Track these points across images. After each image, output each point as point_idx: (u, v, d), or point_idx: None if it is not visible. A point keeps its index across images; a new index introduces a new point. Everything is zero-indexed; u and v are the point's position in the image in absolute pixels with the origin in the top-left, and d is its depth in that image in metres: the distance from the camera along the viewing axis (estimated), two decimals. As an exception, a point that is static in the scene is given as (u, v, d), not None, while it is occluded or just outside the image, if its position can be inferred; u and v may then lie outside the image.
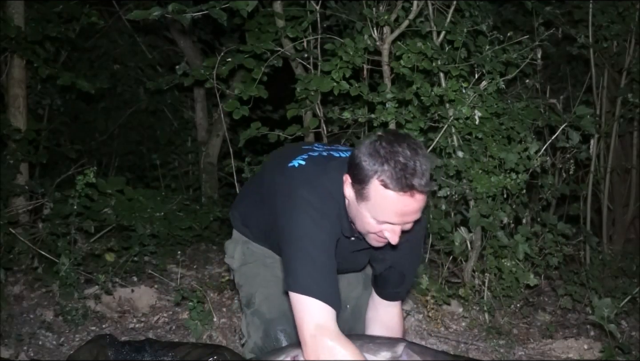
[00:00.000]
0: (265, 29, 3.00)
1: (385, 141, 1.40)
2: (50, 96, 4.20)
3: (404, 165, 1.37)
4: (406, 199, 1.38)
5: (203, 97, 4.96)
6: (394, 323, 1.78)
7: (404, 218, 1.42)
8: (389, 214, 1.41)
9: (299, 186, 1.54)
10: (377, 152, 1.39)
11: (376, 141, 1.41)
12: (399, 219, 1.42)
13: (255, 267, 1.90)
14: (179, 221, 3.48)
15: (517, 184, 2.74)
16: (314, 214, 1.49)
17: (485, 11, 3.01)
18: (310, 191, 1.52)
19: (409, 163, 1.37)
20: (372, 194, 1.41)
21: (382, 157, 1.38)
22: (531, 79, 3.32)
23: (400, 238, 1.49)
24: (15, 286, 2.89)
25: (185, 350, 1.70)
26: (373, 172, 1.39)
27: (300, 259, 1.46)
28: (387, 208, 1.40)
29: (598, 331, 2.86)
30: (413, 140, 1.43)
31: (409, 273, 1.75)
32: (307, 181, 1.55)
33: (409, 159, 1.37)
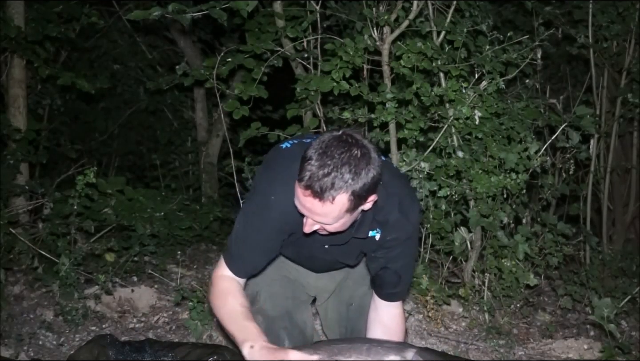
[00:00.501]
0: (265, 29, 3.00)
1: (336, 139, 1.41)
2: (50, 96, 4.20)
3: (320, 166, 1.37)
4: (308, 197, 1.41)
5: (203, 97, 4.96)
6: (394, 324, 1.78)
7: (308, 213, 1.46)
8: (296, 199, 1.46)
9: (268, 168, 1.65)
10: (322, 142, 1.41)
11: (334, 135, 1.42)
12: (303, 210, 1.46)
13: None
14: (179, 221, 3.48)
15: (517, 184, 2.74)
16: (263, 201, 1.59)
17: (485, 11, 3.01)
18: (273, 175, 1.60)
19: (327, 168, 1.37)
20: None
21: (318, 149, 1.40)
22: (531, 79, 3.32)
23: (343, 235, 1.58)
24: (15, 286, 2.89)
25: (185, 350, 1.70)
26: (305, 156, 1.41)
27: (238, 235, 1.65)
28: (296, 193, 1.45)
29: (598, 331, 2.86)
30: (359, 155, 1.40)
31: (404, 274, 1.74)
32: (280, 161, 1.62)
33: (326, 166, 1.37)
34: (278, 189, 1.57)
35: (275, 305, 1.84)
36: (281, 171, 1.59)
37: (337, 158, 1.38)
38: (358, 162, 1.39)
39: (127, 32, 4.90)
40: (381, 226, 1.63)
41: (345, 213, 1.44)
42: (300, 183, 1.40)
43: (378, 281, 1.75)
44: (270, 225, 1.61)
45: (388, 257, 1.69)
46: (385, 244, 1.67)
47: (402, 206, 1.63)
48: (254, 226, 1.62)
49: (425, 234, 2.97)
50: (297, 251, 1.81)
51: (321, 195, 1.38)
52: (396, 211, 1.61)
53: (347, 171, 1.38)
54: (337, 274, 1.99)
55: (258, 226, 1.61)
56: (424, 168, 2.80)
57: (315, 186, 1.37)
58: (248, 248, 1.63)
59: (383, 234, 1.65)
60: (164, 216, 3.34)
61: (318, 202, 1.40)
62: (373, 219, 1.61)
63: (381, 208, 1.60)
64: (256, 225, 1.61)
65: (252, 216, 1.63)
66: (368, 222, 1.61)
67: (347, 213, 1.45)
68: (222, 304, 1.61)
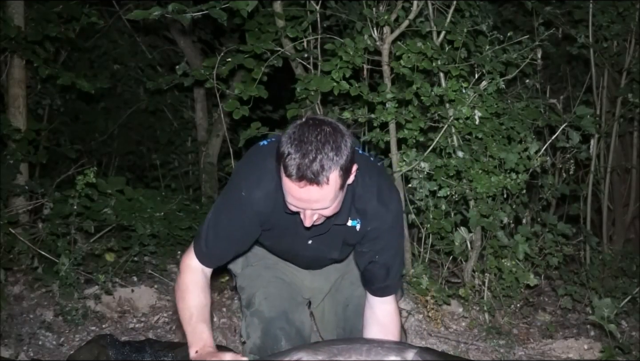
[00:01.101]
0: (265, 29, 3.00)
1: (304, 126, 1.42)
2: (50, 96, 4.20)
3: (304, 154, 1.38)
4: (299, 188, 1.41)
5: (203, 97, 4.96)
6: (388, 320, 1.76)
7: (306, 205, 1.46)
8: (291, 198, 1.46)
9: (243, 164, 1.67)
10: (290, 135, 1.42)
11: (299, 124, 1.44)
12: (300, 204, 1.46)
13: (257, 269, 1.91)
14: (179, 221, 3.48)
15: (517, 184, 2.74)
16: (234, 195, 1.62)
17: (485, 11, 3.01)
18: (249, 171, 1.62)
19: (309, 155, 1.38)
20: (281, 175, 1.45)
21: (292, 141, 1.40)
22: (531, 79, 3.32)
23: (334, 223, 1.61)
24: (15, 286, 2.89)
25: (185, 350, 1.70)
26: (282, 154, 1.41)
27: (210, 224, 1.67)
28: (288, 190, 1.45)
29: (598, 331, 2.86)
30: (331, 131, 1.42)
31: (392, 266, 1.73)
32: (256, 158, 1.64)
33: (309, 152, 1.38)
34: (250, 183, 1.60)
35: (272, 306, 1.83)
36: (254, 167, 1.62)
37: (316, 141, 1.39)
38: (334, 137, 1.41)
39: (127, 32, 4.90)
40: (361, 216, 1.64)
41: (339, 191, 1.46)
42: (290, 178, 1.40)
43: (367, 276, 1.74)
44: (241, 219, 1.63)
45: (374, 250, 1.69)
46: (368, 235, 1.67)
47: (381, 195, 1.64)
48: (224, 218, 1.64)
49: (425, 234, 2.97)
50: (281, 249, 1.83)
51: (317, 180, 1.38)
52: (375, 200, 1.62)
53: (329, 150, 1.39)
54: (331, 275, 1.99)
55: (228, 219, 1.64)
56: (424, 168, 2.80)
57: (308, 173, 1.37)
58: (217, 240, 1.66)
59: (363, 224, 1.66)
60: (164, 216, 3.34)
61: (315, 188, 1.40)
62: (352, 207, 1.62)
63: (360, 197, 1.61)
64: (227, 218, 1.64)
65: (224, 209, 1.65)
66: (347, 208, 1.61)
67: (340, 191, 1.46)
68: (181, 298, 1.65)
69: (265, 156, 1.60)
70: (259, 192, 1.59)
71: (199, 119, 5.00)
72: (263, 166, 1.59)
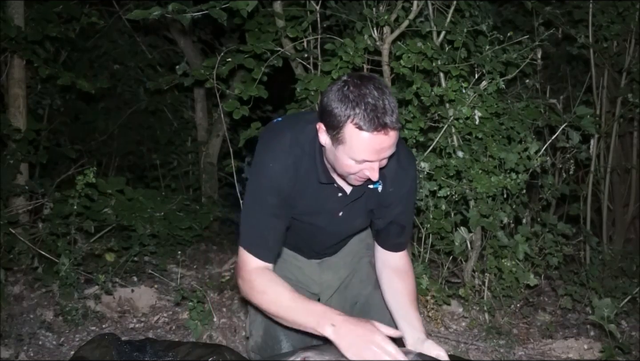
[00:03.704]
0: (265, 29, 3.00)
1: (352, 84, 1.46)
2: (50, 96, 4.20)
3: (374, 106, 1.42)
4: (380, 137, 1.44)
5: (203, 97, 4.96)
6: (406, 268, 1.80)
7: (380, 155, 1.49)
8: (366, 153, 1.47)
9: (263, 142, 1.65)
10: (346, 97, 1.45)
11: (344, 86, 1.47)
12: (375, 156, 1.49)
13: None
14: (179, 221, 3.48)
15: (517, 184, 2.74)
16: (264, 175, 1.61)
17: (485, 11, 3.01)
18: (271, 146, 1.63)
19: (378, 103, 1.42)
20: (348, 138, 1.46)
21: (351, 101, 1.43)
22: (531, 79, 3.32)
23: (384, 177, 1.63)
24: (15, 286, 2.89)
25: (186, 349, 1.70)
26: (346, 117, 1.44)
27: (245, 217, 1.65)
28: (363, 148, 1.46)
29: (598, 331, 2.86)
30: (378, 80, 1.49)
31: (408, 224, 1.81)
32: (273, 135, 1.65)
33: (377, 99, 1.43)
34: (273, 157, 1.61)
35: None
36: (273, 141, 1.63)
37: (375, 90, 1.44)
38: (383, 83, 1.48)
39: (127, 32, 4.90)
40: (382, 178, 1.66)
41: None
42: (369, 131, 1.43)
43: (383, 235, 1.79)
44: (272, 193, 1.61)
45: (393, 213, 1.74)
46: (387, 199, 1.71)
47: (400, 160, 1.69)
48: (259, 200, 1.62)
49: (425, 234, 2.97)
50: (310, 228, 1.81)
51: (393, 124, 1.44)
52: (395, 163, 1.66)
53: (388, 93, 1.45)
54: (341, 270, 2.00)
55: (262, 199, 1.61)
56: (424, 168, 2.80)
57: (386, 120, 1.42)
58: (263, 226, 1.63)
59: (385, 186, 1.70)
60: (164, 216, 3.34)
61: (392, 132, 1.45)
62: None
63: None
64: (261, 198, 1.61)
65: (255, 191, 1.63)
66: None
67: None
68: (273, 300, 1.56)
69: (281, 129, 1.64)
70: (281, 165, 1.60)
71: (199, 119, 5.00)
72: (281, 139, 1.61)
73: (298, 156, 1.61)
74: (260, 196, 1.62)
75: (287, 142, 1.61)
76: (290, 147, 1.61)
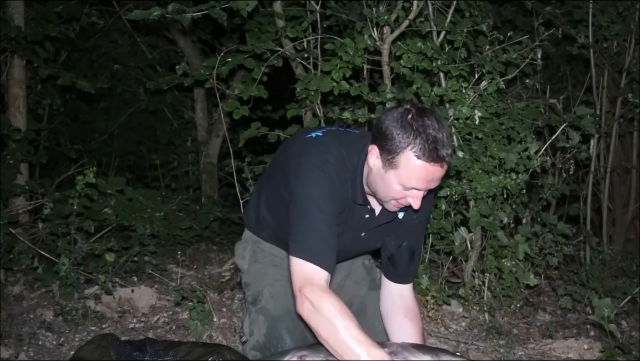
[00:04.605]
0: (265, 29, 3.00)
1: (415, 113, 1.52)
2: (50, 96, 4.20)
3: (435, 138, 1.49)
4: (435, 168, 1.52)
5: (203, 97, 4.96)
6: (415, 308, 1.83)
7: (430, 184, 1.56)
8: (417, 181, 1.54)
9: (314, 152, 1.64)
10: (409, 125, 1.51)
11: (406, 113, 1.53)
12: (425, 185, 1.55)
13: (264, 266, 1.92)
14: (179, 221, 3.48)
15: (517, 184, 2.74)
16: (322, 180, 1.59)
17: (485, 11, 3.01)
18: (323, 158, 1.62)
19: (438, 136, 1.50)
20: (404, 164, 1.52)
21: (414, 130, 1.50)
22: (531, 79, 3.32)
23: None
24: (15, 286, 2.89)
25: (186, 349, 1.70)
26: (406, 143, 1.51)
27: (302, 224, 1.58)
28: (417, 176, 1.53)
29: (598, 331, 2.86)
30: (438, 113, 1.56)
31: (417, 249, 1.85)
32: (323, 149, 1.65)
33: (437, 132, 1.50)
34: (332, 167, 1.62)
35: (278, 304, 1.84)
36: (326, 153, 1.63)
37: (437, 124, 1.51)
38: (439, 115, 1.55)
39: (127, 32, 4.90)
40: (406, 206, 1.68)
41: None
42: (426, 160, 1.49)
43: (395, 260, 1.82)
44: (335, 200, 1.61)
45: (406, 235, 1.80)
46: (406, 223, 1.77)
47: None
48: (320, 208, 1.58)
49: (425, 235, 2.97)
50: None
51: (447, 159, 1.52)
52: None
53: (445, 128, 1.53)
54: (336, 274, 2.00)
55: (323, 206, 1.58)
56: (424, 168, 2.79)
57: (443, 152, 1.50)
58: (325, 234, 1.57)
59: (408, 213, 1.75)
60: (164, 216, 3.34)
61: (445, 166, 1.53)
62: None
63: None
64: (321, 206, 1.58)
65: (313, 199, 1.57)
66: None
67: None
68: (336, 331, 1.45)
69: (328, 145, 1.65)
70: (337, 177, 1.62)
71: (199, 119, 5.00)
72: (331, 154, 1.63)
73: (345, 172, 1.64)
74: (319, 204, 1.58)
75: (335, 158, 1.63)
76: (339, 163, 1.64)
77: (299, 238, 1.57)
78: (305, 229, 1.57)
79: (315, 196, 1.58)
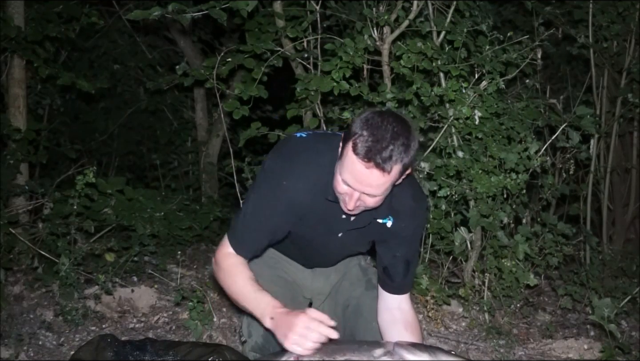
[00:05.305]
0: (265, 29, 3.00)
1: (382, 115, 1.50)
2: (50, 96, 4.20)
3: (378, 140, 1.44)
4: (369, 170, 1.46)
5: (203, 97, 4.96)
6: (412, 318, 1.81)
7: (361, 186, 1.50)
8: (350, 176, 1.50)
9: (282, 155, 1.69)
10: (367, 120, 1.49)
11: (377, 112, 1.51)
12: (356, 184, 1.50)
13: (259, 268, 1.91)
14: (179, 221, 3.48)
15: (517, 184, 2.74)
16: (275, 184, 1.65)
17: (485, 11, 3.01)
18: (288, 160, 1.66)
19: (384, 141, 1.44)
20: (345, 154, 1.50)
21: (366, 125, 1.47)
22: (531, 79, 3.32)
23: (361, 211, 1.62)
24: (15, 286, 2.89)
25: (186, 349, 1.70)
26: (354, 134, 1.47)
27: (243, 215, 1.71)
28: (349, 169, 1.49)
29: (598, 331, 2.86)
30: (405, 129, 1.49)
31: (412, 261, 1.82)
32: (296, 149, 1.69)
33: (386, 139, 1.44)
34: (293, 173, 1.64)
35: None
36: (297, 159, 1.66)
37: (392, 132, 1.46)
38: (408, 135, 1.48)
39: (127, 32, 4.90)
40: (394, 214, 1.70)
41: (390, 186, 1.52)
42: (358, 156, 1.45)
43: (390, 272, 1.79)
44: (280, 207, 1.66)
45: (401, 245, 1.76)
46: (399, 233, 1.73)
47: (415, 195, 1.72)
48: (263, 207, 1.67)
49: (425, 234, 2.97)
50: (306, 243, 1.82)
51: (382, 166, 1.44)
52: (410, 199, 1.70)
53: (401, 144, 1.46)
54: (332, 276, 2.00)
55: (267, 207, 1.66)
56: (424, 168, 2.80)
57: (377, 157, 1.44)
58: (253, 229, 1.69)
59: (396, 222, 1.72)
60: (164, 216, 3.34)
61: (377, 173, 1.46)
62: (390, 205, 1.68)
63: (397, 195, 1.66)
64: (266, 206, 1.66)
65: (261, 198, 1.68)
66: (386, 206, 1.67)
67: (392, 186, 1.53)
68: (232, 282, 1.68)
69: (307, 149, 1.68)
70: (301, 183, 1.64)
71: (199, 119, 5.00)
72: (305, 159, 1.65)
73: (319, 172, 1.64)
74: (268, 205, 1.66)
75: (312, 158, 1.65)
76: (315, 163, 1.64)
77: (235, 222, 1.73)
78: (244, 220, 1.69)
79: (266, 197, 1.66)
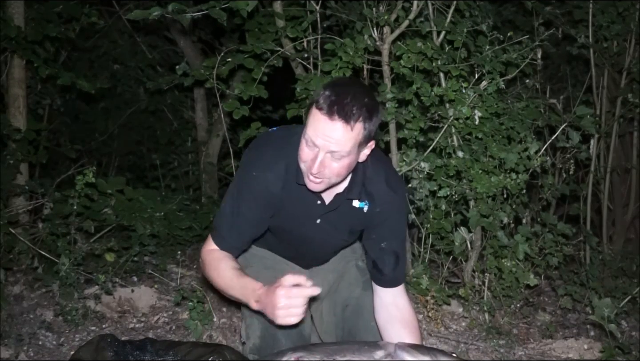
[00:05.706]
0: (265, 29, 3.00)
1: (348, 79, 1.59)
2: (50, 96, 4.20)
3: (340, 96, 1.47)
4: (332, 124, 1.48)
5: (203, 97, 4.95)
6: (408, 314, 1.80)
7: (323, 142, 1.50)
8: (313, 131, 1.51)
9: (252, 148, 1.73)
10: (333, 82, 1.54)
11: (343, 77, 1.55)
12: (319, 139, 1.51)
13: (256, 269, 1.92)
14: (179, 221, 3.48)
15: (517, 184, 2.74)
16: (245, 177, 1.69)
17: (485, 11, 3.01)
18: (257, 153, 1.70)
19: (347, 97, 1.47)
20: (309, 114, 1.53)
21: (332, 85, 1.51)
22: (531, 79, 3.32)
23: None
24: (15, 286, 2.89)
25: (186, 349, 1.70)
26: (317, 95, 1.51)
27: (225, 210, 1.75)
28: (314, 125, 1.51)
29: (598, 331, 2.86)
30: (370, 96, 1.53)
31: (400, 253, 1.81)
32: (265, 141, 1.73)
33: (346, 97, 1.47)
34: (261, 165, 1.67)
35: None
36: (264, 149, 1.70)
37: (355, 92, 1.49)
38: (372, 100, 1.52)
39: (127, 32, 4.90)
40: (369, 198, 1.71)
41: (355, 148, 1.53)
42: (321, 110, 1.48)
43: (379, 265, 1.79)
44: (254, 198, 1.69)
45: (383, 235, 1.77)
46: (376, 219, 1.74)
47: (389, 180, 1.73)
48: (237, 201, 1.71)
49: (425, 234, 2.97)
50: (287, 234, 1.83)
51: (346, 118, 1.47)
52: (384, 183, 1.71)
53: (364, 105, 1.49)
54: (329, 276, 2.00)
55: (242, 200, 1.70)
56: (424, 168, 2.80)
57: (340, 110, 1.46)
58: (233, 225, 1.73)
59: (371, 206, 1.73)
60: (164, 216, 3.33)
61: (341, 125, 1.47)
62: (362, 188, 1.70)
63: (370, 179, 1.69)
64: (241, 200, 1.70)
65: (236, 193, 1.72)
66: (358, 187, 1.69)
67: (356, 148, 1.53)
68: (216, 275, 1.72)
69: (276, 139, 1.71)
70: (270, 172, 1.66)
71: (199, 119, 4.99)
72: (273, 148, 1.68)
73: (289, 160, 1.65)
74: (246, 198, 1.69)
75: (280, 146, 1.67)
76: (283, 151, 1.66)
77: (218, 216, 1.77)
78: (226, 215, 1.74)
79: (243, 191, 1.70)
